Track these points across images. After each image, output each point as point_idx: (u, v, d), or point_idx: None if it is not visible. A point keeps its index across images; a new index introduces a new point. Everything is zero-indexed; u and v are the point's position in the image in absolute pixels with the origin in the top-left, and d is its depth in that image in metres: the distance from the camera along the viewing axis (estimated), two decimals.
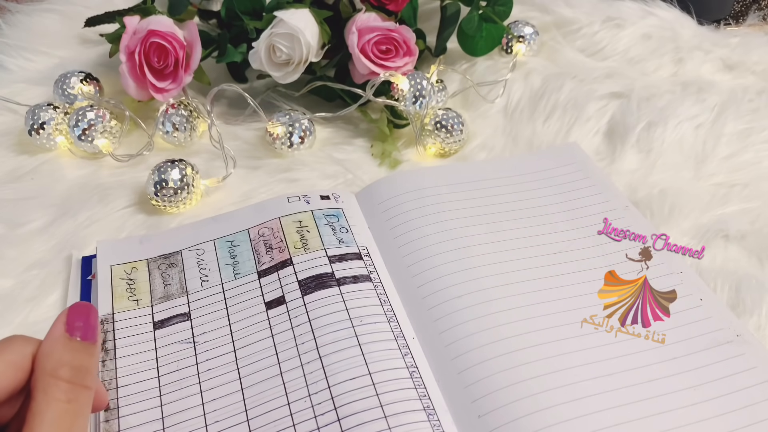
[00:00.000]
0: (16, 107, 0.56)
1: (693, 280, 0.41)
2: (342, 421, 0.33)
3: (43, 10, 0.68)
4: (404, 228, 0.44)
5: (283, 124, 0.52)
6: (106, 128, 0.52)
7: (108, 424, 0.34)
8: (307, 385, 0.35)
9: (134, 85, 0.52)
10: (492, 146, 0.54)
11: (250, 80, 0.60)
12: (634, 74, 0.59)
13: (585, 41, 0.62)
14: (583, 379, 0.35)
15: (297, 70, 0.53)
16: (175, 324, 0.39)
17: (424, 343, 0.38)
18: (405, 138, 0.55)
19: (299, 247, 0.42)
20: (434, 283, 0.40)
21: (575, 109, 0.55)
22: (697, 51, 0.60)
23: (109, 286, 0.41)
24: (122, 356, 0.37)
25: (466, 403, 0.35)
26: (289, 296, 0.40)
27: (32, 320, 0.41)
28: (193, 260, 0.43)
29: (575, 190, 0.48)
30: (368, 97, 0.52)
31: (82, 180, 0.51)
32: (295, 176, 0.51)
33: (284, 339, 0.38)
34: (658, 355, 0.37)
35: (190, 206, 0.48)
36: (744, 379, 0.35)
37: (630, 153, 0.51)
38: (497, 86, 0.58)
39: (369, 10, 0.54)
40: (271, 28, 0.52)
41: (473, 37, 0.59)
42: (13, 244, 0.45)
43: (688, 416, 0.34)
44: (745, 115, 0.54)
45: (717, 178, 0.49)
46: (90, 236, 0.46)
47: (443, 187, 0.47)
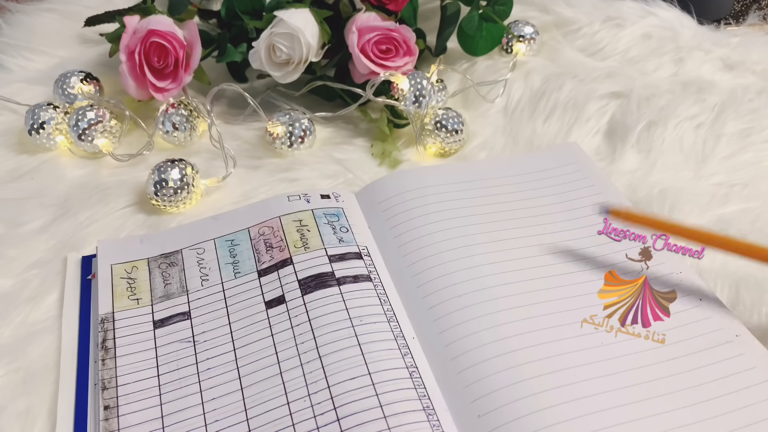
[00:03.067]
0: (16, 107, 0.56)
1: (693, 280, 0.41)
2: (341, 421, 0.33)
3: (43, 10, 0.68)
4: (404, 227, 0.44)
5: (283, 123, 0.52)
6: (106, 128, 0.52)
7: (107, 423, 0.34)
8: (307, 384, 0.35)
9: (134, 84, 0.52)
10: (492, 146, 0.54)
11: (250, 80, 0.60)
12: (634, 74, 0.59)
13: (585, 41, 0.62)
14: (582, 379, 0.35)
15: (297, 70, 0.53)
16: (175, 323, 0.39)
17: (424, 343, 0.38)
18: (405, 138, 0.55)
19: (299, 246, 0.42)
20: (434, 283, 0.41)
21: (575, 108, 0.55)
22: (697, 51, 0.60)
23: (110, 285, 0.41)
24: (122, 355, 0.37)
25: (466, 403, 0.35)
26: (289, 296, 0.40)
27: (32, 320, 0.41)
28: (193, 259, 0.43)
29: (575, 190, 0.48)
30: (368, 96, 0.52)
31: (82, 180, 0.51)
32: (295, 176, 0.51)
33: (284, 338, 0.38)
34: (658, 355, 0.37)
35: (190, 206, 0.48)
36: (743, 379, 0.35)
37: (630, 153, 0.52)
38: (497, 86, 0.58)
39: (369, 10, 0.54)
40: (271, 27, 0.52)
41: (473, 36, 0.59)
42: (13, 243, 0.45)
43: (688, 416, 0.34)
44: (745, 115, 0.54)
45: (717, 177, 0.49)
46: (90, 236, 0.46)
47: (443, 186, 0.47)
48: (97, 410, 0.35)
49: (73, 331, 0.40)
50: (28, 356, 0.39)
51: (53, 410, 0.36)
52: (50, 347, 0.39)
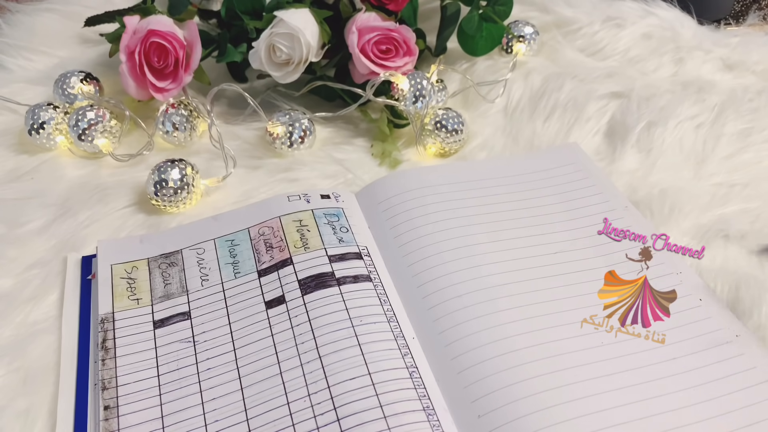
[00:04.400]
0: (16, 107, 0.56)
1: (693, 280, 0.41)
2: (341, 421, 0.33)
3: (43, 10, 0.68)
4: (404, 228, 0.44)
5: (283, 123, 0.52)
6: (106, 128, 0.52)
7: (107, 423, 0.34)
8: (307, 384, 0.35)
9: (134, 84, 0.52)
10: (492, 146, 0.54)
11: (250, 80, 0.60)
12: (634, 74, 0.59)
13: (585, 41, 0.62)
14: (582, 379, 0.35)
15: (297, 70, 0.53)
16: (175, 323, 0.39)
17: (424, 343, 0.38)
18: (405, 138, 0.55)
19: (299, 246, 0.42)
20: (434, 283, 0.40)
21: (575, 109, 0.55)
22: (697, 51, 0.60)
23: (110, 285, 0.41)
24: (122, 355, 0.37)
25: (466, 403, 0.35)
26: (289, 296, 0.40)
27: (32, 320, 0.41)
28: (193, 259, 0.43)
29: (575, 190, 0.48)
30: (368, 96, 0.52)
31: (82, 180, 0.51)
32: (295, 176, 0.51)
33: (284, 338, 0.38)
34: (658, 355, 0.37)
35: (190, 206, 0.48)
36: (743, 379, 0.35)
37: (630, 153, 0.52)
38: (497, 86, 0.58)
39: (369, 10, 0.54)
40: (271, 27, 0.52)
41: (473, 36, 0.59)
42: (13, 243, 0.45)
43: (688, 416, 0.34)
44: (745, 115, 0.54)
45: (717, 178, 0.49)
46: (90, 236, 0.46)
47: (443, 186, 0.47)
48: (97, 410, 0.35)
49: (73, 331, 0.40)
50: (28, 356, 0.39)
51: (53, 410, 0.36)
52: (50, 347, 0.39)
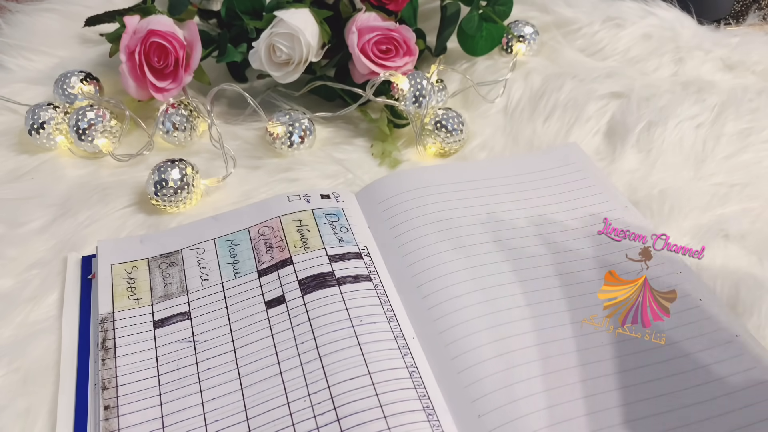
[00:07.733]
0: (16, 107, 0.56)
1: (693, 280, 0.41)
2: (341, 421, 0.33)
3: (43, 10, 0.68)
4: (404, 228, 0.44)
5: (283, 123, 0.52)
6: (106, 128, 0.52)
7: (107, 423, 0.34)
8: (307, 384, 0.35)
9: (134, 84, 0.52)
10: (492, 146, 0.54)
11: (250, 80, 0.60)
12: (634, 74, 0.59)
13: (585, 41, 0.62)
14: (582, 379, 0.35)
15: (297, 70, 0.53)
16: (175, 323, 0.39)
17: (424, 343, 0.38)
18: (405, 138, 0.55)
19: (299, 246, 0.42)
20: (434, 283, 0.40)
21: (575, 109, 0.55)
22: (697, 51, 0.60)
23: (110, 284, 0.41)
24: (122, 355, 0.37)
25: (466, 403, 0.35)
26: (289, 295, 0.40)
27: (32, 320, 0.41)
28: (193, 259, 0.43)
29: (575, 190, 0.48)
30: (368, 96, 0.52)
31: (82, 180, 0.51)
32: (295, 176, 0.51)
33: (284, 338, 0.38)
34: (658, 355, 0.37)
35: (190, 206, 0.48)
36: (743, 379, 0.35)
37: (630, 153, 0.52)
38: (497, 86, 0.58)
39: (369, 10, 0.54)
40: (271, 27, 0.52)
41: (473, 36, 0.59)
42: (13, 243, 0.45)
43: (688, 416, 0.34)
44: (745, 115, 0.54)
45: (717, 178, 0.49)
46: (90, 236, 0.46)
47: (443, 186, 0.47)
48: (97, 410, 0.35)
49: (73, 331, 0.40)
50: (28, 356, 0.39)
51: (53, 410, 0.36)
52: (50, 347, 0.39)
